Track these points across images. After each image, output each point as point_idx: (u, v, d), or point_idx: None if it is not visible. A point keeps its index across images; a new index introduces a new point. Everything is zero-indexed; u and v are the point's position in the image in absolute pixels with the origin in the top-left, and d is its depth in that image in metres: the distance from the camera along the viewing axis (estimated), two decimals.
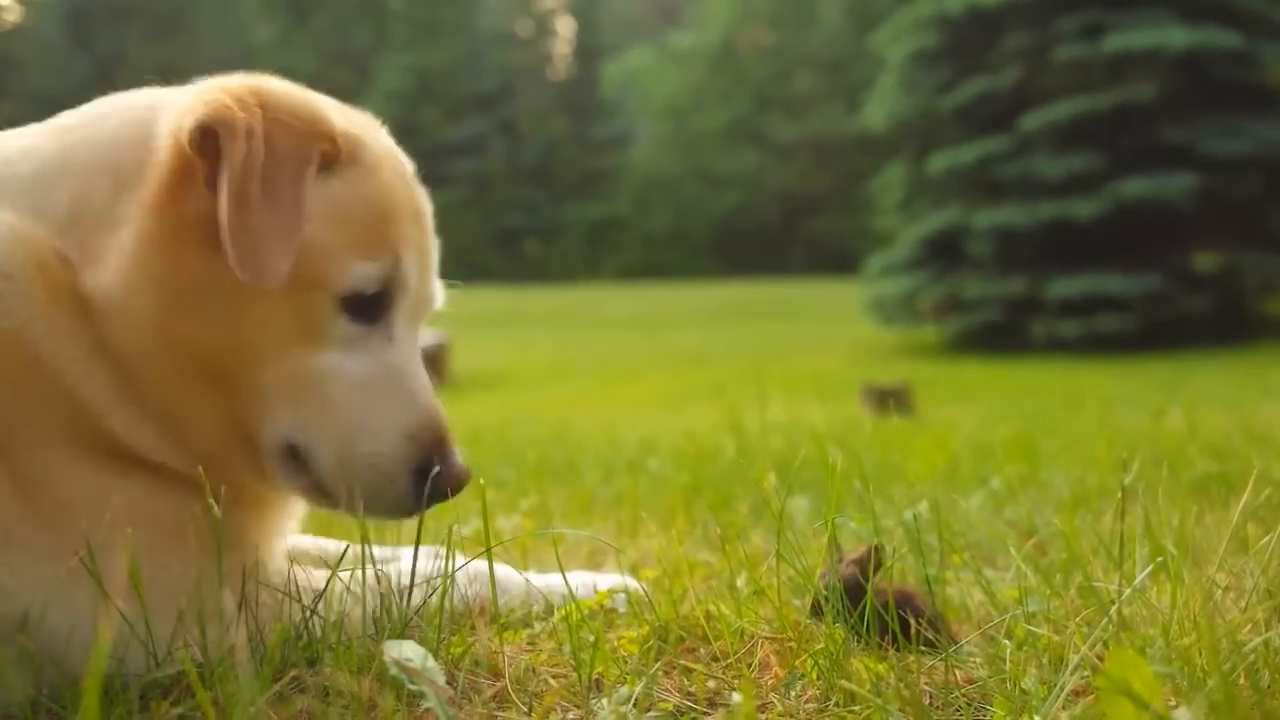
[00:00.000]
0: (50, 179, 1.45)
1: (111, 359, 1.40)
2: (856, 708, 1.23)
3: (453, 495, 1.47)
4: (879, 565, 1.49)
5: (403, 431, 1.46)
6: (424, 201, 1.58)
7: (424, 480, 1.44)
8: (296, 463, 1.46)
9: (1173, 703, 1.17)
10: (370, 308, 1.47)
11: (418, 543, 1.43)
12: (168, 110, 1.47)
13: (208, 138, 1.39)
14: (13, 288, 1.35)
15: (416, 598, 1.50)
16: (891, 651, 1.42)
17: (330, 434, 1.44)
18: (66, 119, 1.52)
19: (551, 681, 1.33)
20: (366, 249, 1.47)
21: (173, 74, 1.55)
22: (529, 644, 1.52)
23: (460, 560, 1.49)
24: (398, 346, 1.51)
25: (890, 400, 6.67)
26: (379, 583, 1.51)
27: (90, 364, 1.38)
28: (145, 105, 1.51)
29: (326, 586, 1.45)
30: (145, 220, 1.41)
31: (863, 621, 1.43)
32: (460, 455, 1.49)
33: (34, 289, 1.36)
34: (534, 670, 1.37)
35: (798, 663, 1.37)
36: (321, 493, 1.47)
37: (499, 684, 1.30)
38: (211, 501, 1.23)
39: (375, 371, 1.48)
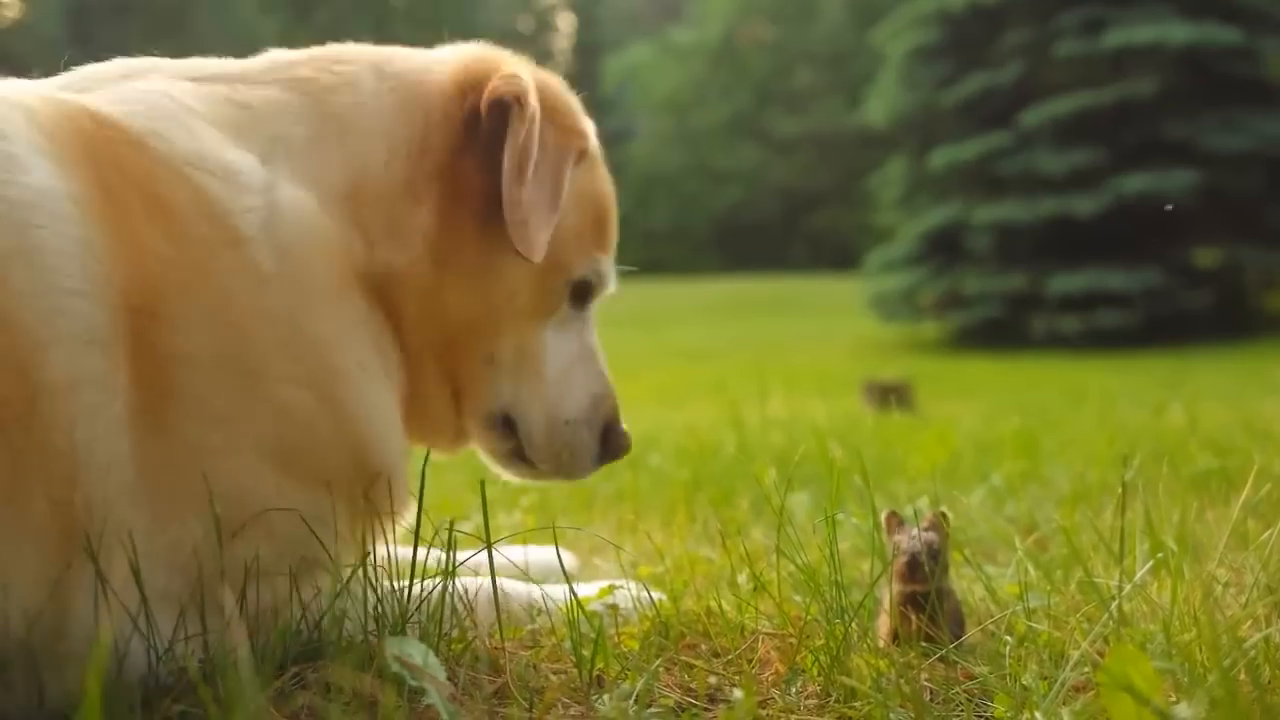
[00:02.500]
0: (322, 143, 1.42)
1: (384, 339, 1.43)
2: (857, 704, 1.23)
3: (623, 456, 1.67)
4: (946, 535, 1.52)
5: (593, 403, 1.63)
6: None
7: (604, 443, 1.64)
8: (506, 429, 1.60)
9: (1173, 698, 1.17)
10: (584, 293, 1.64)
11: (416, 541, 1.43)
12: (438, 72, 1.51)
13: (497, 111, 1.45)
14: (294, 272, 1.33)
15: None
16: (894, 647, 1.43)
17: (541, 404, 1.59)
18: (294, 67, 1.47)
19: (552, 678, 1.33)
20: (597, 241, 1.64)
21: None
22: (530, 640, 1.52)
23: (462, 556, 1.48)
24: (590, 328, 1.68)
25: (891, 396, 6.66)
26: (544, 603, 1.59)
27: (367, 351, 1.39)
28: (404, 64, 1.52)
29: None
30: (434, 191, 1.45)
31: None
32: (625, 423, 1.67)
33: (317, 274, 1.35)
34: (535, 667, 1.37)
35: (798, 659, 1.37)
36: (521, 456, 1.62)
37: (500, 680, 1.30)
38: (211, 501, 1.23)
39: (579, 351, 1.64)
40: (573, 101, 1.62)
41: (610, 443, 1.64)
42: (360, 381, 1.37)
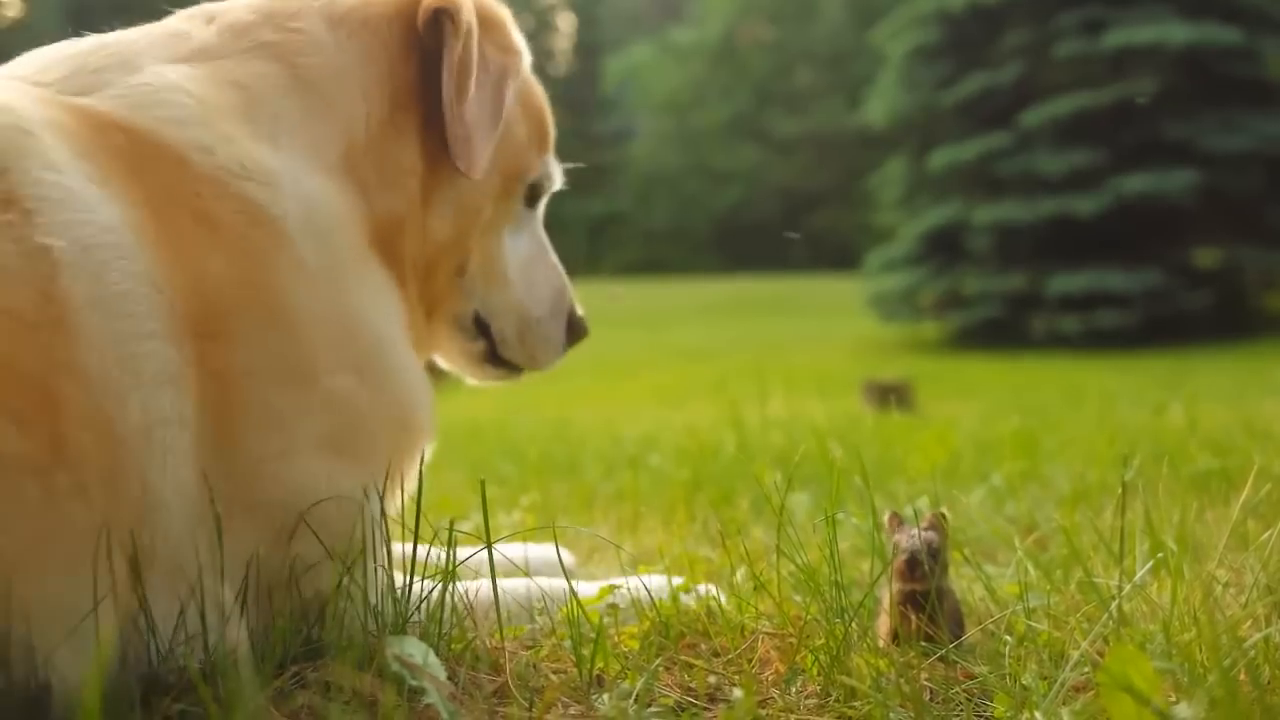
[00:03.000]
0: (311, 113, 1.42)
1: (396, 291, 1.45)
2: (857, 703, 1.23)
3: (583, 338, 1.80)
4: (946, 534, 1.52)
5: (555, 296, 1.75)
6: None
7: (568, 331, 1.77)
8: (479, 330, 1.71)
9: (1173, 698, 1.17)
10: (535, 194, 1.74)
11: (416, 538, 1.43)
12: (377, 3, 1.51)
13: (434, 27, 1.48)
14: (331, 262, 1.34)
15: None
16: (894, 646, 1.43)
17: (510, 304, 1.70)
18: (255, 31, 1.45)
19: (552, 677, 1.33)
20: (541, 144, 1.72)
21: None
22: (530, 640, 1.52)
23: (463, 554, 1.48)
24: (539, 224, 1.78)
25: (891, 396, 6.66)
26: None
27: (394, 319, 1.43)
28: (348, 4, 1.51)
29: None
30: (410, 123, 1.48)
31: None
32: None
33: (346, 258, 1.36)
34: (535, 666, 1.37)
35: (798, 658, 1.37)
36: (493, 356, 1.74)
37: (500, 680, 1.30)
38: (212, 504, 1.23)
39: (535, 249, 1.75)
40: (505, 13, 1.66)
41: (572, 329, 1.78)
42: (391, 353, 1.40)
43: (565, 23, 52.88)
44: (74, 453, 1.09)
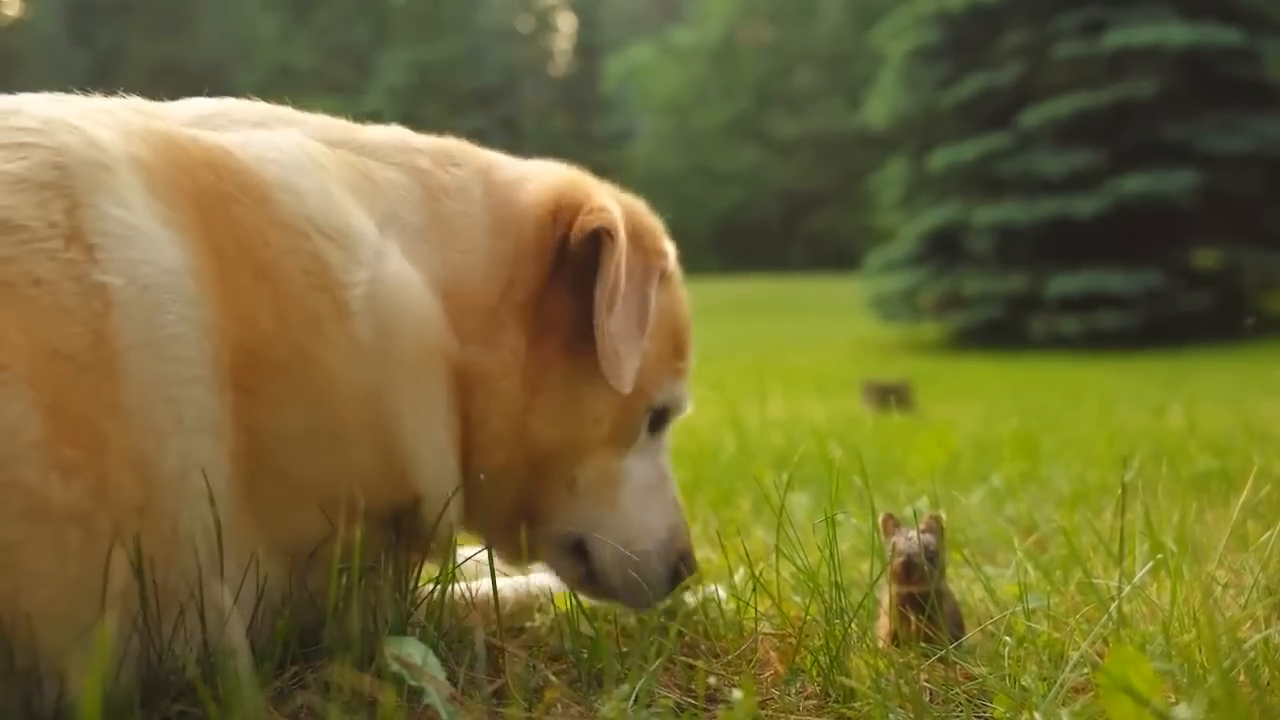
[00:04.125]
0: (430, 238, 1.40)
1: (459, 431, 1.39)
2: (856, 704, 1.23)
3: (687, 587, 1.61)
4: (942, 537, 1.52)
5: (668, 533, 1.58)
6: None
7: (675, 574, 1.57)
8: (578, 555, 1.55)
9: (1172, 699, 1.17)
10: (662, 419, 1.61)
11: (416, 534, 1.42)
12: (529, 196, 1.48)
13: (588, 244, 1.44)
14: (388, 347, 1.31)
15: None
16: (893, 647, 1.43)
17: (616, 532, 1.53)
18: (414, 155, 1.46)
19: (552, 678, 1.33)
20: (674, 366, 1.60)
21: (173, 70, 1.53)
22: (529, 640, 1.52)
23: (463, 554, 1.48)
24: (665, 453, 1.63)
25: (891, 397, 6.65)
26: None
27: (434, 429, 1.36)
28: (502, 180, 1.50)
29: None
30: (519, 318, 1.43)
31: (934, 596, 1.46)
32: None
33: (406, 350, 1.32)
34: (534, 666, 1.37)
35: (798, 659, 1.37)
36: (592, 581, 1.56)
37: (499, 680, 1.30)
38: (210, 501, 1.23)
39: (655, 478, 1.59)
40: (655, 223, 1.61)
41: (678, 574, 1.58)
42: (428, 458, 1.36)
43: (565, 23, 52.91)
44: (114, 494, 1.10)
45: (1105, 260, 19.42)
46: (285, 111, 1.43)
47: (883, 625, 1.49)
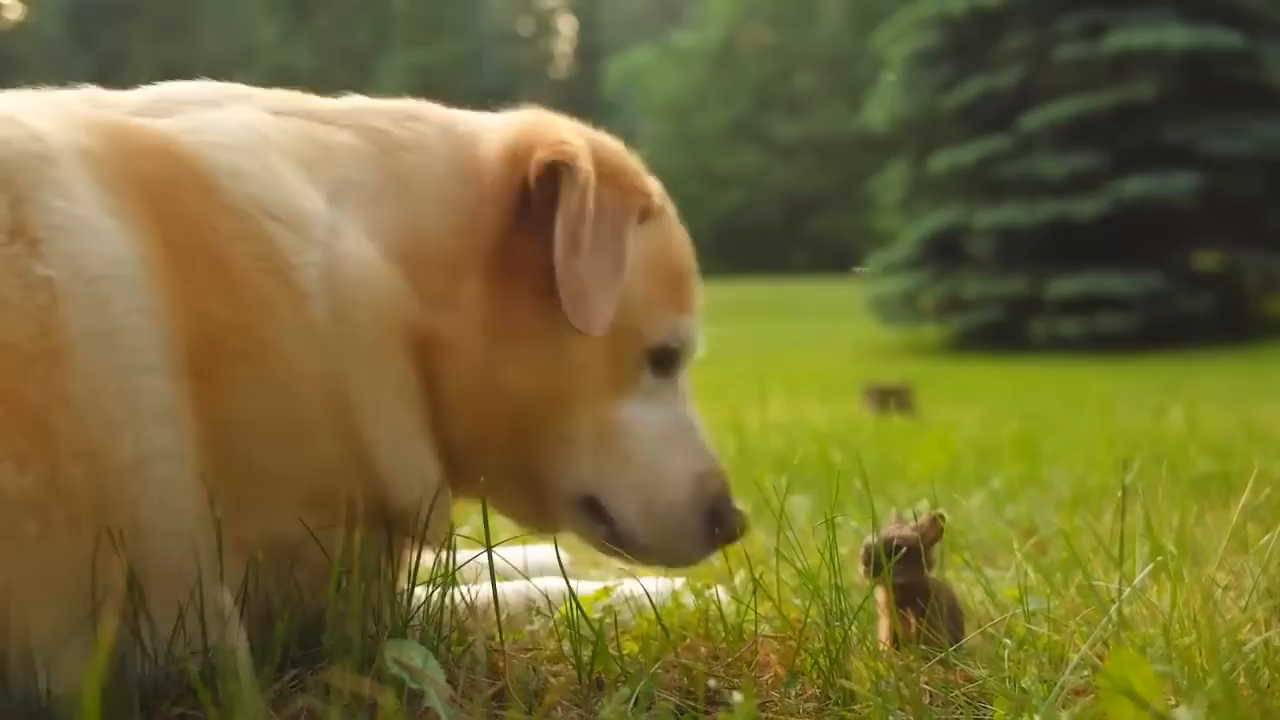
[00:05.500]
0: (385, 198, 1.36)
1: (427, 403, 1.35)
2: (856, 706, 1.23)
3: (738, 540, 1.52)
4: (938, 536, 1.52)
5: (695, 481, 1.49)
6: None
7: (712, 525, 1.49)
8: (594, 513, 1.48)
9: (1173, 702, 1.17)
10: (668, 361, 1.52)
11: (419, 537, 1.42)
12: (489, 140, 1.44)
13: (547, 179, 1.38)
14: (345, 330, 1.27)
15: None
16: (892, 649, 1.43)
17: (633, 486, 1.46)
18: (370, 116, 1.43)
19: (552, 680, 1.33)
20: (674, 304, 1.52)
21: (175, 73, 1.52)
22: (529, 643, 1.52)
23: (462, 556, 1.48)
24: (683, 397, 1.55)
25: (891, 399, 6.65)
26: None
27: (399, 413, 1.32)
28: (465, 131, 1.46)
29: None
30: (481, 266, 1.38)
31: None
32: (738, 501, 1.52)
33: (364, 331, 1.29)
34: (534, 669, 1.37)
35: (798, 661, 1.37)
36: (618, 541, 1.49)
37: (499, 683, 1.30)
38: (211, 503, 1.22)
39: (670, 423, 1.51)
40: (632, 162, 1.54)
41: (721, 524, 1.49)
42: (392, 445, 1.33)
43: (566, 26, 52.96)
44: (67, 485, 1.10)
45: (1106, 262, 19.42)
46: (239, 88, 1.41)
47: (883, 627, 1.49)
